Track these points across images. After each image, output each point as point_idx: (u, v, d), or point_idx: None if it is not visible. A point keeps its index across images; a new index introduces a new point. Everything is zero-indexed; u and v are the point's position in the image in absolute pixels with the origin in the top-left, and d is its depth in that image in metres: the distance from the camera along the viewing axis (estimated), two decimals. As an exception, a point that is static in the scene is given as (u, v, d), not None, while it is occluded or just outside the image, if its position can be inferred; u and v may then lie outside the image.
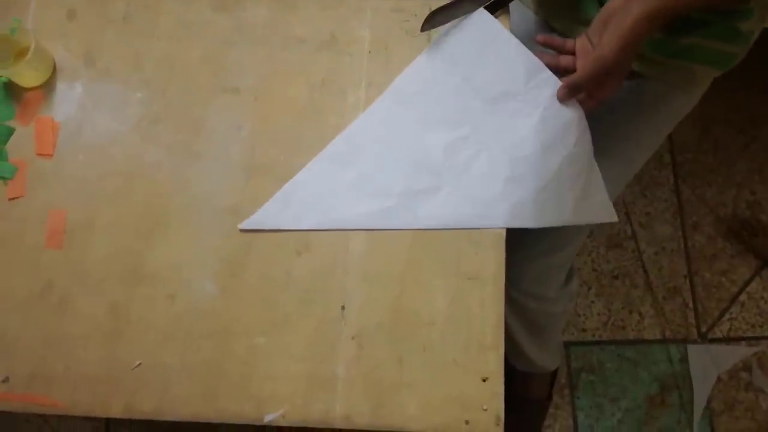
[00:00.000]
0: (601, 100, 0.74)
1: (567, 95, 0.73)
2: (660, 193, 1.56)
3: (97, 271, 0.73)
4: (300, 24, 0.79)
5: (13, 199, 0.74)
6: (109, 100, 0.77)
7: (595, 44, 0.70)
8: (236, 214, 0.74)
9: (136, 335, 0.71)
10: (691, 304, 1.48)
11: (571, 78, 0.72)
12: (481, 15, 0.77)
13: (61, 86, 0.77)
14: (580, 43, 0.73)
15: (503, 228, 0.73)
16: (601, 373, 1.43)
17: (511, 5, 0.81)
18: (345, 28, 0.80)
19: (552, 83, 0.75)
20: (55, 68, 0.77)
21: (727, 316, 1.48)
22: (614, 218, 0.79)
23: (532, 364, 1.14)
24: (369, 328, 0.71)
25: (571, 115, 0.75)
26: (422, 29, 0.76)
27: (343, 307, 0.72)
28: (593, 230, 1.51)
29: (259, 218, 0.73)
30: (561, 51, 0.76)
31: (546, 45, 0.77)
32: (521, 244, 0.85)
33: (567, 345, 1.43)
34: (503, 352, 0.71)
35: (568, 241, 0.91)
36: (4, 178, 0.74)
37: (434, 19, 0.76)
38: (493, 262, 0.73)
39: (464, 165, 0.75)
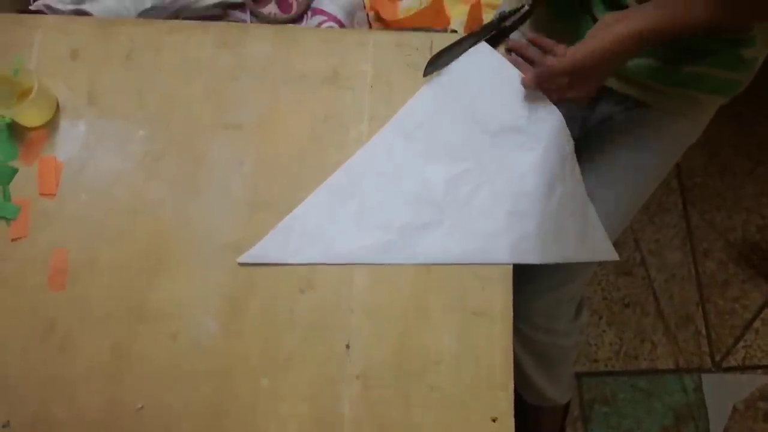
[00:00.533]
0: (564, 98, 0.74)
1: (533, 81, 0.73)
2: (668, 219, 1.54)
3: (99, 310, 0.72)
4: (301, 59, 0.79)
5: (16, 239, 0.74)
6: (112, 137, 0.77)
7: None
8: (238, 251, 0.73)
9: (139, 376, 0.70)
10: (704, 332, 1.46)
11: (543, 68, 0.72)
12: (483, 48, 0.77)
13: (64, 125, 0.77)
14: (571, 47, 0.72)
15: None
16: (614, 405, 1.40)
17: (513, 34, 0.81)
18: (347, 63, 0.79)
19: (555, 116, 0.75)
20: (58, 107, 0.77)
21: (741, 343, 1.45)
22: (615, 256, 0.78)
23: (544, 398, 1.12)
24: (374, 367, 0.70)
25: (568, 151, 0.75)
26: (425, 74, 0.76)
27: (347, 346, 0.70)
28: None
29: (258, 252, 0.73)
30: (549, 53, 0.74)
31: (534, 43, 0.76)
32: (529, 278, 0.84)
33: (579, 376, 1.40)
34: (513, 390, 0.69)
35: (577, 274, 0.89)
36: (7, 219, 0.74)
37: (437, 62, 0.76)
38: (501, 298, 0.72)
39: (466, 199, 0.74)
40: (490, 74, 0.77)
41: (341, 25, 0.95)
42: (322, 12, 0.95)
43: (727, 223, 1.54)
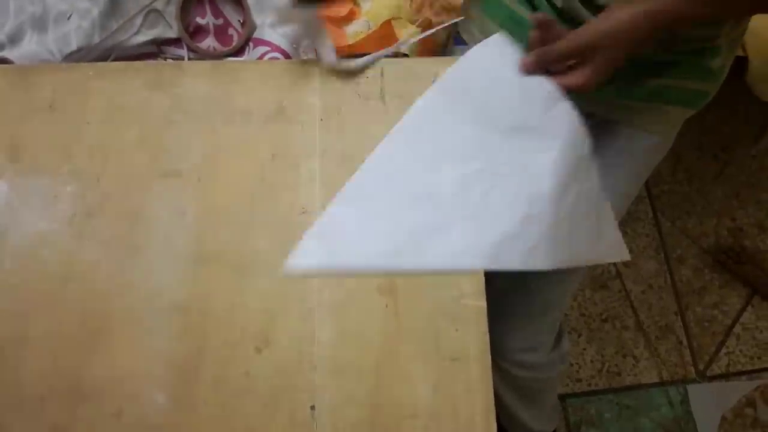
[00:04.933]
0: (567, 85, 0.68)
1: (532, 65, 0.68)
2: (640, 228, 1.51)
3: (33, 391, 0.64)
4: (243, 96, 0.73)
5: (-68, 317, 0.66)
6: (37, 196, 0.69)
7: None
8: (186, 312, 0.66)
9: (80, 463, 0.62)
10: (685, 342, 1.43)
11: (546, 47, 0.67)
12: (496, 39, 0.71)
13: (-18, 185, 0.70)
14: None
15: (486, 297, 0.67)
16: (600, 425, 1.36)
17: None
18: (293, 97, 0.74)
19: (572, 114, 0.69)
20: (-25, 166, 0.70)
21: (723, 350, 1.42)
22: (626, 256, 0.72)
23: (530, 430, 1.06)
24: (344, 429, 0.63)
25: (585, 151, 0.69)
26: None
27: (312, 407, 0.64)
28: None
29: (302, 261, 0.64)
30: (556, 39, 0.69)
31: (539, 26, 0.70)
32: (505, 312, 0.79)
33: (563, 398, 1.36)
34: (496, 441, 0.63)
35: (555, 304, 0.85)
36: None
37: None
38: (476, 339, 0.66)
39: (477, 201, 0.68)
40: (502, 68, 0.70)
41: (286, 56, 0.89)
42: (264, 42, 0.89)
43: (698, 229, 1.52)
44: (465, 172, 0.69)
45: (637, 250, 1.49)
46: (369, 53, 0.90)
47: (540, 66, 0.67)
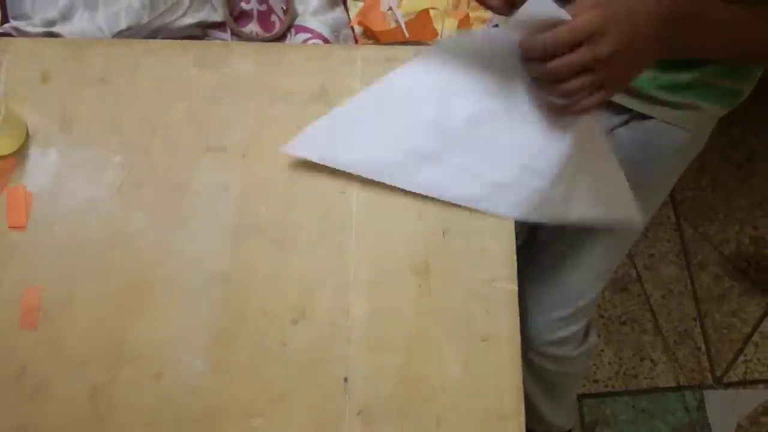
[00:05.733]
0: (586, 109, 0.61)
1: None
2: (662, 233, 1.52)
3: (75, 352, 0.66)
4: (288, 77, 0.75)
5: (-18, 276, 0.68)
6: (86, 165, 0.72)
7: None
8: (226, 281, 0.68)
9: (121, 422, 0.64)
10: (703, 348, 1.43)
11: (539, 37, 0.58)
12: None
13: (34, 153, 0.72)
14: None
15: (511, 247, 0.69)
16: (616, 427, 1.36)
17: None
18: (335, 80, 0.76)
19: None
20: (27, 134, 0.72)
21: (741, 358, 1.42)
22: (639, 223, 0.71)
23: (547, 425, 1.07)
24: (376, 402, 0.65)
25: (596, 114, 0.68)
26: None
27: (345, 379, 0.66)
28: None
29: (303, 144, 0.70)
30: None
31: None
32: (535, 302, 0.80)
33: (579, 398, 1.36)
34: (524, 420, 0.65)
35: (584, 295, 0.85)
36: (-27, 254, 0.69)
37: None
38: (507, 321, 0.68)
39: (482, 141, 0.69)
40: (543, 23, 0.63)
41: (326, 42, 0.91)
42: (306, 29, 0.91)
43: (720, 236, 1.52)
44: (477, 110, 0.70)
45: (659, 255, 1.49)
46: (406, 42, 0.93)
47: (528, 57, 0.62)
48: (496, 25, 0.88)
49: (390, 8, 0.99)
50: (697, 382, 1.40)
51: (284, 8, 0.92)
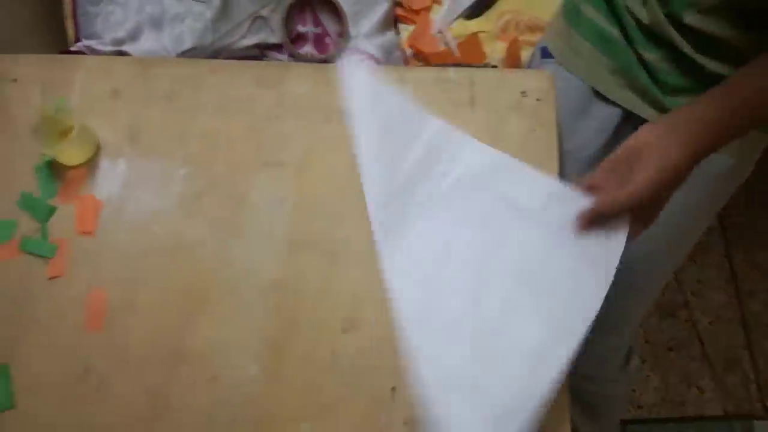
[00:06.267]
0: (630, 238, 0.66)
1: (585, 225, 0.67)
2: (710, 259, 1.49)
3: (136, 352, 0.70)
4: (342, 97, 0.78)
5: (53, 278, 0.72)
6: (152, 177, 0.76)
7: (624, 177, 0.63)
8: (280, 291, 0.71)
9: (176, 422, 0.67)
10: (752, 377, 1.39)
11: (596, 206, 0.65)
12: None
13: (104, 164, 0.77)
14: (603, 174, 0.66)
15: None
16: (660, 454, 1.34)
17: (556, 70, 0.79)
18: (388, 99, 0.78)
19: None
20: (98, 146, 0.77)
21: (792, 388, 1.39)
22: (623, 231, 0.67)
23: (590, 448, 1.06)
24: (423, 412, 0.66)
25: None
26: None
27: (393, 389, 0.67)
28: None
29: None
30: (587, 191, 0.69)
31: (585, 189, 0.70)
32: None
33: (623, 424, 1.34)
34: (569, 437, 0.65)
35: (627, 319, 0.85)
36: (44, 257, 0.73)
37: None
38: (553, 339, 0.68)
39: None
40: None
41: (379, 64, 0.94)
42: (359, 51, 0.95)
43: (771, 263, 1.49)
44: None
45: (707, 281, 1.47)
46: (457, 63, 0.95)
47: (591, 226, 0.67)
48: (545, 48, 0.90)
49: (440, 31, 1.02)
50: (746, 411, 1.36)
51: (339, 32, 0.96)
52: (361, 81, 0.76)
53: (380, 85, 0.77)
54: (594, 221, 0.66)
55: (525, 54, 1.01)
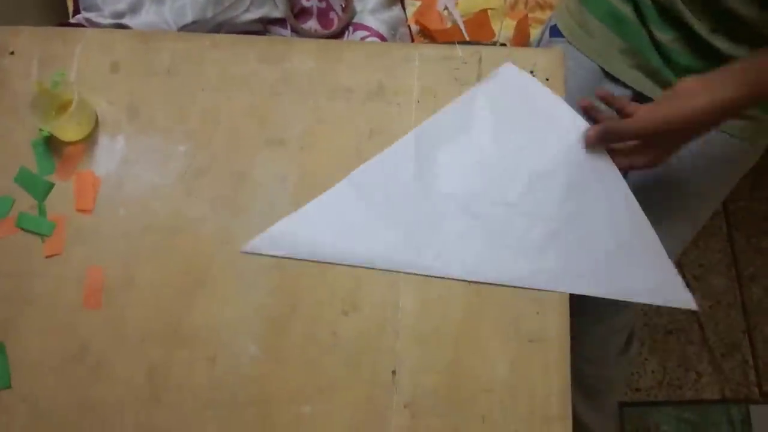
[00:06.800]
0: (630, 164, 0.69)
1: (597, 137, 0.68)
2: (713, 243, 1.49)
3: (135, 332, 0.69)
4: (347, 74, 0.77)
5: (50, 256, 0.71)
6: (151, 153, 0.74)
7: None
8: (282, 270, 0.70)
9: (175, 402, 0.67)
10: (751, 361, 1.39)
11: (612, 124, 0.67)
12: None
13: (103, 140, 0.75)
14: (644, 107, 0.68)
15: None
16: (657, 437, 1.34)
17: (566, 50, 0.78)
18: (393, 77, 0.77)
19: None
20: (97, 121, 0.75)
21: (791, 373, 1.39)
22: (692, 305, 0.72)
23: (587, 431, 1.06)
24: (422, 395, 0.66)
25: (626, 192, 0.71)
26: None
27: (393, 372, 0.67)
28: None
29: (263, 243, 0.70)
30: (620, 112, 0.71)
31: (604, 100, 0.72)
32: (578, 308, 0.79)
33: (620, 406, 1.35)
34: (571, 423, 0.65)
35: (627, 304, 0.84)
36: (41, 235, 0.72)
37: None
38: (557, 324, 0.68)
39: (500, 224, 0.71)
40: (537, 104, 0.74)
41: (384, 41, 0.93)
42: (364, 27, 0.93)
43: (773, 248, 1.48)
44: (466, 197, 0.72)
45: (709, 265, 1.46)
46: (464, 41, 0.93)
47: (603, 142, 0.69)
48: (554, 25, 0.88)
49: (446, 8, 1.00)
50: (743, 395, 1.37)
51: (343, 6, 0.94)
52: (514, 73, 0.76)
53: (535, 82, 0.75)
54: (603, 138, 0.68)
55: (534, 32, 0.99)
